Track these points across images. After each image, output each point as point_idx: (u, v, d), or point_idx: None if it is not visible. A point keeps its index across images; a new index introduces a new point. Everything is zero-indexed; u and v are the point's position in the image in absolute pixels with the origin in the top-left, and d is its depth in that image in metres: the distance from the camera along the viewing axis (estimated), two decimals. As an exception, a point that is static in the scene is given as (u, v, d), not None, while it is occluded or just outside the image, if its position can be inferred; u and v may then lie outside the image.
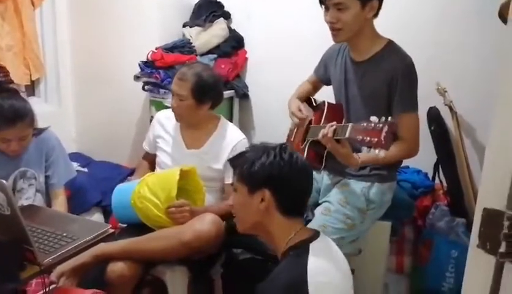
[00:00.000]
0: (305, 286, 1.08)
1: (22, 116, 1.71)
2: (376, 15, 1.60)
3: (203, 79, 1.84)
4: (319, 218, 1.70)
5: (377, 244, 1.86)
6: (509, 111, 0.73)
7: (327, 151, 1.62)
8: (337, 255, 1.24)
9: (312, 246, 1.17)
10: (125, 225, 1.87)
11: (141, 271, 1.62)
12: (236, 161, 1.30)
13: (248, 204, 1.22)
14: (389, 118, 1.30)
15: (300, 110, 1.85)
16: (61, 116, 2.81)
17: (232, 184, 1.29)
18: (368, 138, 1.31)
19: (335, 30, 1.60)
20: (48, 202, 1.95)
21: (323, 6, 1.60)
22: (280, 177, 1.20)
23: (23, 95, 2.41)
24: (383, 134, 1.28)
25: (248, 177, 1.22)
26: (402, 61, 1.60)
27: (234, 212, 1.30)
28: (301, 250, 1.16)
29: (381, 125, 1.29)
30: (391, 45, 1.64)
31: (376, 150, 1.30)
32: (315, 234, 1.23)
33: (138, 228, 1.72)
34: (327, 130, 1.51)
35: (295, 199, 1.24)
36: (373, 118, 1.32)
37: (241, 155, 1.30)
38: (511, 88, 0.73)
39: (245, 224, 1.28)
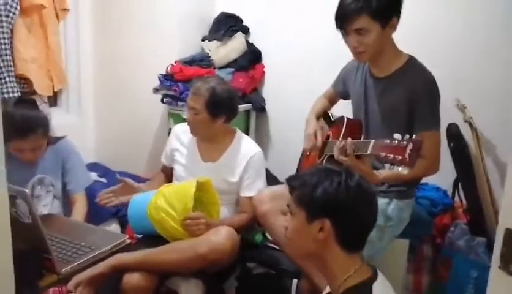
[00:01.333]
0: None
1: (34, 128, 1.74)
2: (395, 29, 1.60)
3: (217, 94, 1.85)
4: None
5: (395, 262, 1.83)
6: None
7: (345, 167, 1.60)
8: None
9: (374, 288, 1.07)
10: (141, 236, 1.88)
11: (156, 282, 1.62)
12: (294, 181, 1.16)
13: (305, 231, 1.10)
14: (414, 136, 1.29)
15: (316, 134, 1.81)
16: (82, 126, 2.87)
17: (288, 206, 1.16)
18: (392, 155, 1.29)
19: (358, 53, 1.58)
20: (65, 208, 1.98)
21: (340, 30, 1.57)
22: (344, 207, 1.07)
23: (45, 106, 2.48)
24: (408, 152, 1.25)
25: (308, 202, 1.10)
26: (423, 78, 1.59)
27: (288, 236, 1.16)
28: (363, 293, 1.06)
29: (405, 142, 1.27)
30: (412, 61, 1.63)
31: (400, 168, 1.28)
32: (375, 274, 1.11)
33: (154, 239, 1.73)
34: (345, 144, 1.50)
35: (357, 233, 1.11)
36: (397, 135, 1.30)
37: (301, 176, 1.16)
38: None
39: (299, 251, 1.17)
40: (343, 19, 1.54)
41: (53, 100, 2.79)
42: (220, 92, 1.86)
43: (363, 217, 1.10)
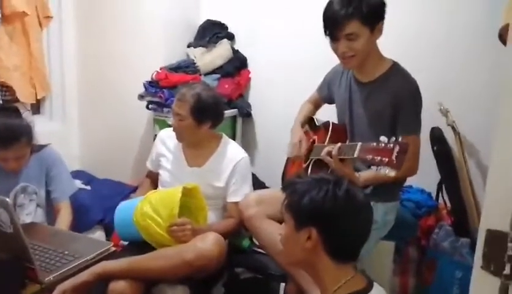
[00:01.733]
0: None
1: (17, 137, 1.72)
2: (380, 34, 1.62)
3: (202, 100, 1.85)
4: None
5: (380, 264, 1.84)
6: (511, 132, 0.73)
7: (330, 171, 1.62)
8: None
9: None
10: (127, 243, 1.86)
11: (142, 289, 1.60)
12: (287, 188, 1.16)
13: (294, 239, 1.09)
14: (399, 138, 1.30)
15: (300, 145, 1.82)
16: (66, 134, 2.83)
17: (281, 213, 1.16)
18: (379, 158, 1.30)
19: (347, 58, 1.59)
20: (49, 217, 1.96)
21: (330, 37, 1.58)
22: (330, 217, 1.06)
23: (28, 114, 2.44)
24: (395, 154, 1.26)
25: (295, 210, 1.10)
26: (407, 83, 1.61)
27: (282, 242, 1.16)
28: None
29: (391, 145, 1.28)
30: (396, 67, 1.65)
31: (387, 170, 1.29)
32: (369, 285, 1.09)
33: (140, 246, 1.71)
34: (333, 149, 1.51)
35: (346, 243, 1.08)
36: (383, 138, 1.31)
37: (293, 183, 1.15)
38: (511, 108, 0.73)
39: (291, 258, 1.17)
40: (333, 25, 1.55)
41: (36, 107, 2.76)
42: (206, 98, 1.86)
43: (352, 227, 1.08)
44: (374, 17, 1.54)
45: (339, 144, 1.51)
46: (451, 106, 2.12)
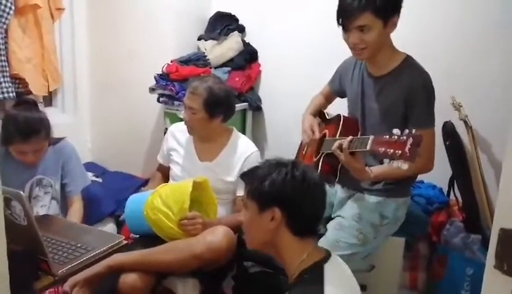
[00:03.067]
0: None
1: (36, 131, 1.75)
2: (394, 28, 1.59)
3: (214, 93, 1.85)
4: (332, 233, 1.68)
5: (390, 259, 1.84)
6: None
7: (341, 165, 1.61)
8: (349, 276, 1.21)
9: (326, 267, 1.14)
10: (137, 236, 1.88)
11: (153, 282, 1.62)
12: (247, 176, 1.25)
13: (258, 222, 1.18)
14: (413, 130, 1.28)
15: (312, 130, 1.83)
16: (77, 126, 2.85)
17: (242, 200, 1.24)
18: (392, 150, 1.29)
19: (358, 50, 1.58)
20: (63, 209, 1.99)
21: (342, 27, 1.57)
22: (291, 196, 1.16)
23: (40, 105, 2.46)
24: (408, 146, 1.25)
25: (258, 194, 1.18)
26: (419, 77, 1.59)
27: (244, 229, 1.26)
28: (315, 273, 1.12)
29: (405, 137, 1.27)
30: (408, 60, 1.63)
31: (399, 163, 1.28)
32: (327, 255, 1.19)
33: (151, 239, 1.73)
34: (344, 142, 1.50)
35: (307, 219, 1.19)
36: (396, 130, 1.30)
37: (253, 170, 1.24)
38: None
39: (255, 242, 1.24)
40: (345, 16, 1.54)
41: (48, 100, 2.78)
42: (218, 92, 1.87)
43: (311, 204, 1.18)
44: (388, 10, 1.52)
45: (350, 137, 1.50)
46: (463, 100, 2.09)
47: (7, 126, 1.75)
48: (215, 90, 1.86)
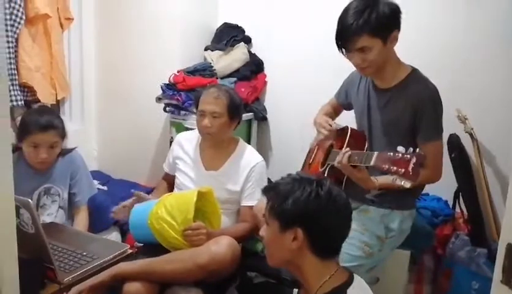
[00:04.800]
0: None
1: (55, 124, 1.83)
2: (396, 41, 1.61)
3: (234, 97, 1.95)
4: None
5: (396, 272, 1.83)
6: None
7: (346, 177, 1.61)
8: None
9: (350, 293, 1.10)
10: (142, 245, 1.88)
11: (156, 291, 1.62)
12: (269, 192, 1.19)
13: (280, 241, 1.13)
14: (417, 150, 1.29)
15: (328, 122, 1.81)
16: (84, 134, 2.87)
17: (264, 216, 1.19)
18: (395, 168, 1.29)
19: (362, 69, 1.60)
20: (69, 218, 2.00)
21: (342, 49, 1.58)
22: (315, 217, 1.10)
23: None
24: (411, 165, 1.26)
25: (280, 213, 1.12)
26: (427, 89, 1.60)
27: (265, 245, 1.20)
28: None
29: (408, 156, 1.28)
30: (415, 73, 1.64)
31: (403, 181, 1.28)
32: (350, 277, 1.14)
33: (155, 248, 1.73)
34: (341, 156, 1.52)
35: (331, 240, 1.14)
36: (401, 148, 1.30)
37: (275, 186, 1.18)
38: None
39: (275, 260, 1.19)
40: (344, 40, 1.56)
41: (56, 108, 2.80)
42: (236, 96, 1.97)
43: (335, 225, 1.13)
44: (385, 28, 1.53)
45: (349, 152, 1.52)
46: (468, 113, 2.09)
47: (27, 118, 1.84)
48: (233, 94, 1.96)
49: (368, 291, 1.18)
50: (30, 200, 1.14)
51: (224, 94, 1.91)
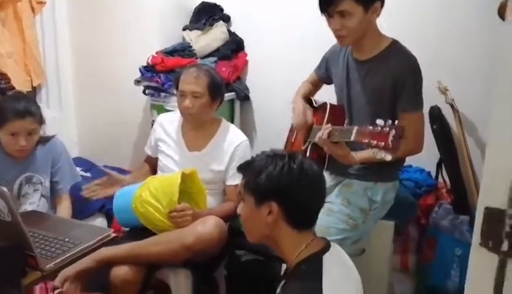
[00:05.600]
0: None
1: (32, 110, 1.79)
2: (378, 14, 1.60)
3: (215, 76, 1.92)
4: (322, 219, 1.66)
5: (381, 243, 1.85)
6: (508, 109, 0.72)
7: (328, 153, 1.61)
8: (349, 266, 1.20)
9: (325, 259, 1.12)
10: (128, 229, 1.87)
11: (144, 274, 1.62)
12: (243, 169, 1.22)
13: (256, 216, 1.16)
14: (396, 122, 1.29)
15: (305, 113, 1.82)
16: (63, 121, 2.81)
17: (240, 193, 1.23)
18: (375, 142, 1.30)
19: (341, 36, 1.59)
20: (52, 207, 1.97)
21: (325, 14, 1.58)
22: (288, 190, 1.13)
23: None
24: (390, 138, 1.26)
25: (254, 188, 1.15)
26: (407, 61, 1.59)
27: (243, 222, 1.23)
28: (313, 264, 1.11)
29: (387, 128, 1.28)
30: (395, 45, 1.63)
31: (383, 154, 1.29)
32: (327, 245, 1.17)
33: (141, 231, 1.72)
34: (322, 132, 1.51)
35: (305, 212, 1.16)
36: (379, 121, 1.30)
37: (249, 162, 1.21)
38: (508, 85, 0.72)
39: (254, 236, 1.21)
40: (326, 2, 1.55)
41: (32, 95, 2.73)
42: (216, 75, 1.95)
43: (309, 197, 1.15)
44: None
45: (329, 128, 1.52)
46: (449, 84, 2.10)
47: (3, 105, 1.79)
48: (214, 74, 1.93)
49: (346, 259, 1.21)
50: (4, 188, 1.11)
51: (204, 73, 1.88)
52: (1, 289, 0.94)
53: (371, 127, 1.33)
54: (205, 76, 1.87)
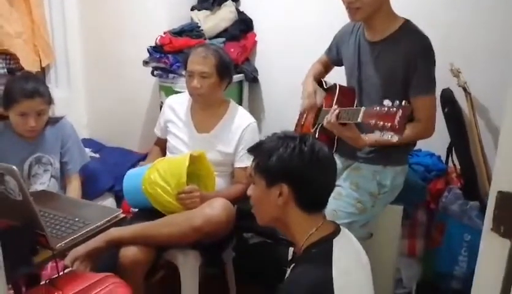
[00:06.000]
0: (330, 286, 1.03)
1: (41, 91, 1.80)
2: None
3: (223, 56, 1.90)
4: (330, 202, 1.64)
5: (389, 227, 1.85)
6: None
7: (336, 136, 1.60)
8: (358, 250, 1.20)
9: (335, 242, 1.12)
10: (137, 210, 1.89)
11: (153, 255, 1.64)
12: (254, 151, 1.21)
13: (266, 198, 1.15)
14: (403, 102, 1.27)
15: (314, 95, 1.79)
16: (72, 101, 2.82)
17: (250, 175, 1.21)
18: (381, 123, 1.28)
19: (352, 10, 1.55)
20: (62, 187, 1.99)
21: None
22: (298, 172, 1.12)
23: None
24: (397, 118, 1.24)
25: (265, 170, 1.15)
26: (420, 42, 1.56)
27: (253, 204, 1.22)
28: (324, 247, 1.11)
29: (394, 109, 1.26)
30: (408, 25, 1.59)
31: (390, 135, 1.27)
32: (337, 229, 1.17)
33: (150, 212, 1.73)
34: (330, 115, 1.49)
35: (316, 194, 1.16)
36: (387, 102, 1.29)
37: (260, 144, 1.21)
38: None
39: (264, 218, 1.20)
40: None
41: (41, 75, 2.73)
42: (224, 55, 1.93)
43: (319, 179, 1.14)
44: None
45: (337, 110, 1.50)
46: (461, 66, 2.06)
47: (12, 85, 1.80)
48: (222, 53, 1.91)
49: (356, 244, 1.21)
50: (14, 167, 1.12)
51: (212, 53, 1.86)
52: (13, 267, 0.96)
53: (378, 108, 1.32)
54: (213, 56, 1.86)
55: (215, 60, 1.85)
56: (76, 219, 1.38)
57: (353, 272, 1.12)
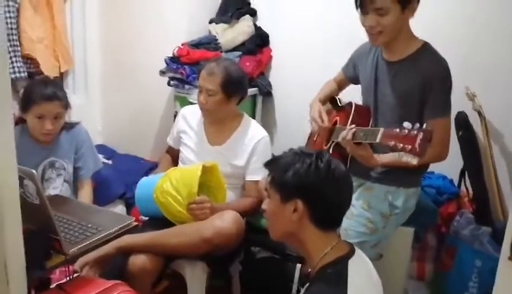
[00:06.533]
0: None
1: (58, 96, 1.83)
2: (412, 14, 1.56)
3: (231, 74, 1.86)
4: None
5: (399, 249, 1.83)
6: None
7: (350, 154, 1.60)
8: (371, 270, 1.19)
9: (351, 264, 1.11)
10: (147, 218, 1.90)
11: (162, 264, 1.64)
12: (270, 165, 1.22)
13: (281, 213, 1.15)
14: (424, 125, 1.27)
15: (321, 116, 1.80)
16: (88, 108, 2.86)
17: (266, 189, 1.22)
18: (401, 145, 1.28)
19: (374, 34, 1.56)
20: (75, 192, 2.01)
21: (360, 9, 1.55)
22: (314, 188, 1.12)
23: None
24: (418, 141, 1.24)
25: (280, 184, 1.15)
26: (437, 64, 1.56)
27: (267, 218, 1.22)
28: (339, 269, 1.10)
29: (415, 132, 1.26)
30: (426, 47, 1.60)
31: (409, 158, 1.27)
32: (351, 250, 1.16)
33: (161, 221, 1.74)
34: (346, 132, 1.50)
35: (330, 211, 1.15)
36: (407, 124, 1.28)
37: (276, 159, 1.22)
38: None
39: (277, 233, 1.20)
40: None
41: (59, 81, 2.77)
42: (234, 72, 1.88)
43: (334, 196, 1.14)
44: None
45: (354, 129, 1.50)
46: (477, 90, 2.06)
47: (31, 88, 1.84)
48: (232, 71, 1.87)
49: (369, 264, 1.20)
50: (33, 171, 1.13)
51: (221, 71, 1.84)
52: (27, 270, 0.97)
53: (398, 130, 1.31)
54: (220, 73, 1.84)
55: (221, 79, 1.83)
56: (89, 225, 1.39)
57: (366, 293, 1.11)
